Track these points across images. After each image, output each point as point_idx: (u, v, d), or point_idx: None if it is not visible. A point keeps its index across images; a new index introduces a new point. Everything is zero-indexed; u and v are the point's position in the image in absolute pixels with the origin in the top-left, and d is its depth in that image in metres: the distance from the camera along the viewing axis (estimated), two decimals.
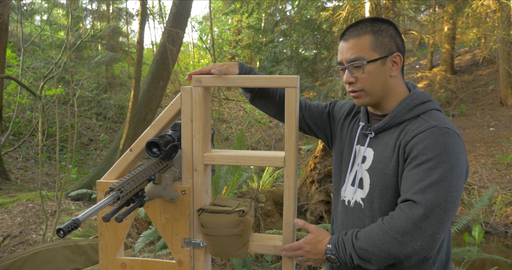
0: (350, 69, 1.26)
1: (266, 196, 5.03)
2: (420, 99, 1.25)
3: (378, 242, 1.10)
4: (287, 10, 10.45)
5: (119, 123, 11.16)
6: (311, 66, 8.11)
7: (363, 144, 1.32)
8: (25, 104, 9.20)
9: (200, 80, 1.32)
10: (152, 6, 15.98)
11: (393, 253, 1.08)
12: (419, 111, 1.23)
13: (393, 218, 1.10)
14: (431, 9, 11.80)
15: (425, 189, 1.08)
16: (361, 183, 1.30)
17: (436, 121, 1.17)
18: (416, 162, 1.13)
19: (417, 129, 1.17)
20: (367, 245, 1.11)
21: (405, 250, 1.07)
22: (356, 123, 1.40)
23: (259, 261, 4.07)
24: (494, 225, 5.83)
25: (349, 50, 1.26)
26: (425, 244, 1.07)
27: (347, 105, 1.47)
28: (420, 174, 1.11)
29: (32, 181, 7.14)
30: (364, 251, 1.12)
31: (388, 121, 1.26)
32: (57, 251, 2.50)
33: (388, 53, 1.25)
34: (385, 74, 1.26)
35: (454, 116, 11.58)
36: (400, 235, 1.07)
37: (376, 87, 1.26)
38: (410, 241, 1.07)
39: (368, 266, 1.14)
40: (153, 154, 1.29)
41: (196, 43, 19.27)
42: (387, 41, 1.25)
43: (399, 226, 1.08)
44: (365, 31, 1.25)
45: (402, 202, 1.13)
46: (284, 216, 1.35)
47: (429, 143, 1.12)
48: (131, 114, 6.23)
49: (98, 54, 11.84)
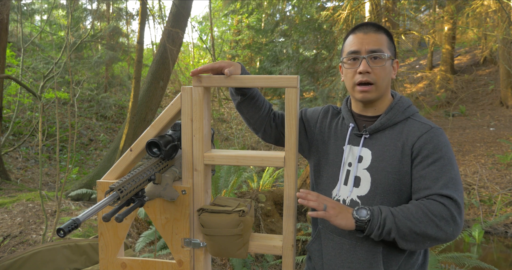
0: (368, 59, 1.30)
1: (266, 196, 5.03)
2: (407, 103, 1.36)
3: (417, 220, 1.16)
4: (287, 10, 10.45)
5: (119, 123, 11.17)
6: (311, 66, 8.11)
7: (357, 144, 1.34)
8: (26, 104, 9.20)
9: (200, 80, 1.32)
10: (152, 6, 15.97)
11: (428, 232, 1.16)
12: (408, 113, 1.34)
13: (432, 205, 1.18)
14: (431, 9, 11.79)
15: (447, 185, 1.20)
16: (357, 181, 1.32)
17: (429, 122, 1.31)
18: (429, 161, 1.23)
19: (419, 131, 1.28)
20: (406, 219, 1.17)
21: (439, 232, 1.16)
22: (339, 124, 1.42)
23: (259, 261, 4.07)
24: (494, 225, 5.82)
25: (370, 42, 1.31)
26: (455, 231, 1.18)
27: (319, 110, 1.50)
28: (437, 171, 1.22)
29: (32, 181, 7.14)
30: (402, 225, 1.16)
31: (384, 122, 1.32)
32: (57, 251, 2.50)
33: (394, 56, 1.36)
34: (391, 75, 1.35)
35: (454, 116, 11.57)
36: (438, 219, 1.16)
37: (384, 83, 1.32)
38: (445, 226, 1.16)
39: (401, 241, 1.18)
40: (153, 154, 1.29)
41: (196, 43, 19.27)
42: (393, 46, 1.36)
43: (439, 212, 1.17)
44: (381, 30, 1.34)
45: (432, 195, 1.19)
46: (284, 216, 1.35)
47: (436, 143, 1.25)
48: (131, 114, 6.23)
49: (98, 54, 11.83)
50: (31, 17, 13.93)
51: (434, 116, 11.56)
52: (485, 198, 6.61)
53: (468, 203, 6.50)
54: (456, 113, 11.78)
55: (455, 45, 14.23)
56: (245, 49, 13.86)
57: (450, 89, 12.50)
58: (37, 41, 11.94)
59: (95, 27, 13.00)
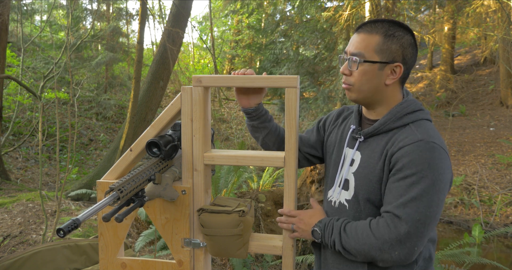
0: (349, 61, 1.26)
1: (266, 196, 5.02)
2: (410, 108, 1.26)
3: (361, 241, 1.17)
4: (287, 10, 10.45)
5: (119, 123, 11.16)
6: (311, 67, 8.10)
7: (352, 147, 1.33)
8: (26, 104, 9.20)
9: (200, 80, 1.32)
10: (152, 6, 15.98)
11: (371, 254, 1.16)
12: (408, 120, 1.24)
13: (379, 226, 1.16)
14: (431, 9, 11.79)
15: (407, 204, 1.13)
16: (346, 184, 1.31)
17: (423, 134, 1.18)
18: (400, 175, 1.16)
19: (404, 141, 1.18)
20: (351, 239, 1.19)
21: (382, 255, 1.15)
22: (346, 125, 1.41)
23: (259, 261, 4.07)
24: (494, 225, 5.82)
25: (355, 43, 1.25)
26: (402, 255, 1.14)
27: (334, 112, 1.50)
28: (403, 187, 1.14)
29: (32, 181, 7.14)
30: (346, 243, 1.20)
31: (377, 127, 1.26)
32: (57, 251, 2.50)
33: (390, 60, 1.23)
34: (380, 80, 1.25)
35: (454, 116, 11.57)
36: (381, 242, 1.14)
37: (366, 88, 1.25)
38: (389, 249, 1.13)
39: (347, 255, 1.22)
40: (153, 154, 1.29)
41: (196, 43, 19.28)
42: (394, 48, 1.23)
43: (382, 234, 1.14)
44: (377, 30, 1.23)
45: (386, 212, 1.17)
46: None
47: (414, 157, 1.15)
48: (131, 114, 6.23)
49: (98, 54, 11.83)
50: (31, 17, 13.93)
51: (434, 116, 11.55)
52: (485, 198, 6.61)
53: (468, 203, 6.50)
54: (456, 113, 11.78)
55: (455, 45, 14.23)
56: (245, 49, 13.86)
57: (450, 89, 12.50)
58: (37, 41, 11.93)
59: (95, 27, 12.99)
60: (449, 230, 5.96)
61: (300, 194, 5.55)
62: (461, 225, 6.02)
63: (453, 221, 6.14)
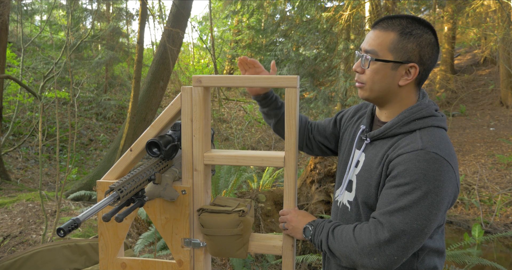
0: (362, 59, 1.21)
1: (266, 196, 5.02)
2: (420, 113, 1.18)
3: (343, 243, 1.17)
4: (287, 10, 10.45)
5: (119, 123, 11.16)
6: (311, 67, 8.10)
7: (359, 148, 1.30)
8: (25, 104, 9.20)
9: (200, 80, 1.32)
10: (152, 6, 15.97)
11: (352, 258, 1.16)
12: (416, 126, 1.17)
13: (362, 230, 1.15)
14: (431, 9, 11.80)
15: (393, 213, 1.10)
16: (350, 186, 1.30)
17: (427, 143, 1.11)
18: (394, 183, 1.12)
19: (404, 148, 1.13)
20: (336, 241, 1.20)
21: (362, 260, 1.14)
22: (358, 125, 1.38)
23: (259, 261, 4.07)
24: (494, 225, 5.83)
25: (369, 40, 1.20)
26: (381, 262, 1.11)
27: (352, 108, 1.46)
28: (393, 196, 1.11)
29: (32, 181, 7.14)
30: (331, 244, 1.21)
31: (383, 131, 1.21)
32: (57, 251, 2.50)
33: (405, 59, 1.16)
34: (393, 80, 1.19)
35: (454, 116, 11.58)
36: (361, 246, 1.13)
37: (377, 87, 1.20)
38: (367, 254, 1.12)
39: (332, 257, 1.23)
40: (153, 154, 1.29)
41: (196, 43, 19.27)
42: (410, 47, 1.16)
43: (362, 239, 1.14)
44: (393, 28, 1.17)
45: (372, 218, 1.16)
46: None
47: (409, 167, 1.09)
48: (131, 114, 6.23)
49: (98, 54, 11.83)
50: (31, 17, 13.92)
51: None
52: (485, 198, 6.61)
53: (468, 203, 6.51)
54: (456, 113, 11.78)
55: (455, 45, 14.23)
56: (245, 49, 13.85)
57: (450, 89, 12.50)
58: (37, 41, 11.92)
59: (95, 27, 12.99)
60: (449, 230, 5.96)
61: (300, 194, 5.55)
62: (461, 225, 6.02)
63: (453, 221, 6.14)
